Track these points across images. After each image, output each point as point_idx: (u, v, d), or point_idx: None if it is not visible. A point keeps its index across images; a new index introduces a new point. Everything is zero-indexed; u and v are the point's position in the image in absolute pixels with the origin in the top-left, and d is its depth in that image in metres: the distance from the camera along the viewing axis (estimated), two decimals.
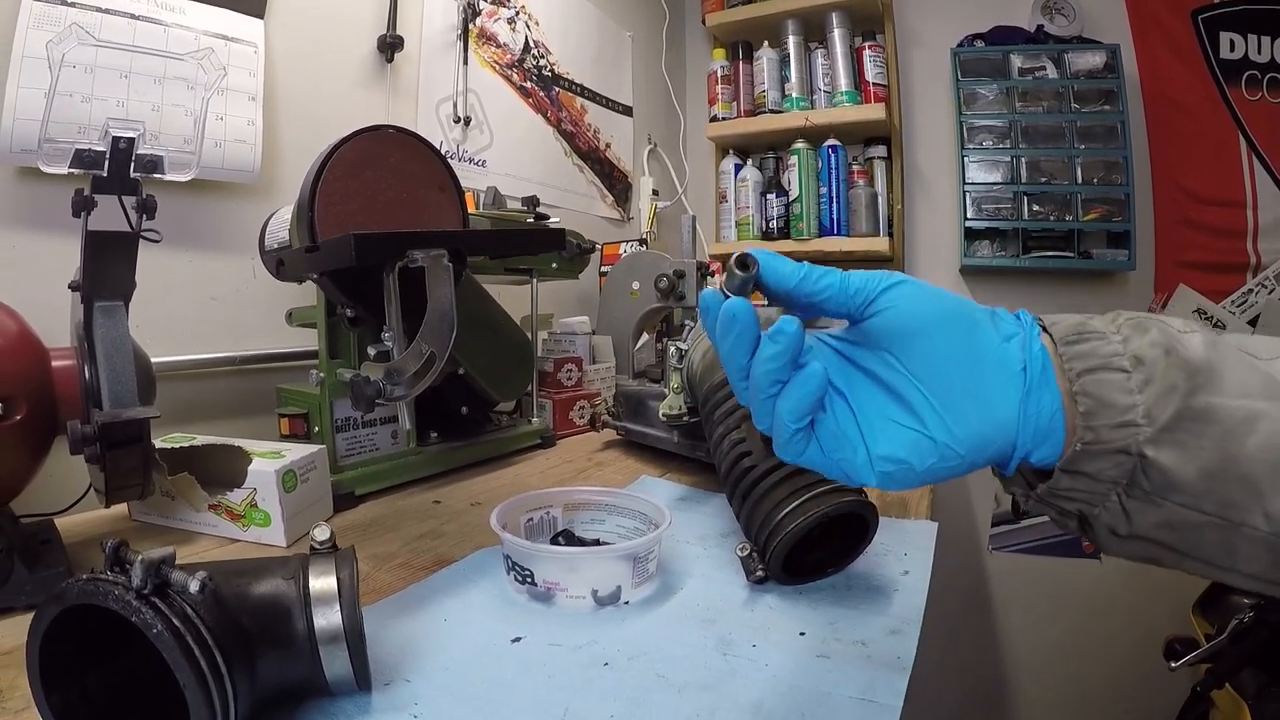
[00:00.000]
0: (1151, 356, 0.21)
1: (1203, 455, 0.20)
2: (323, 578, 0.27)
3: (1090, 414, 0.21)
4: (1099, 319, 0.23)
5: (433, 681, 0.29)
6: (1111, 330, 0.22)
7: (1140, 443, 0.20)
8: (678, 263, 0.88)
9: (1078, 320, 0.23)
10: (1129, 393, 0.20)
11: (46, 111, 0.51)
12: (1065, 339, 0.22)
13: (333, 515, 0.51)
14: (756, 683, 0.29)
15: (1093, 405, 0.21)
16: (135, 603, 0.22)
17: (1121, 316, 0.23)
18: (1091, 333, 0.22)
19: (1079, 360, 0.21)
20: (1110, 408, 0.20)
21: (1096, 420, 0.20)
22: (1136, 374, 0.21)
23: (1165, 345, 0.21)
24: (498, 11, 1.01)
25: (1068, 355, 0.22)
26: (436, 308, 0.38)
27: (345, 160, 0.45)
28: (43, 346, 0.41)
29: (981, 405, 0.21)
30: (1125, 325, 0.22)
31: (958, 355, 0.22)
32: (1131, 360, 0.21)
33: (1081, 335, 0.22)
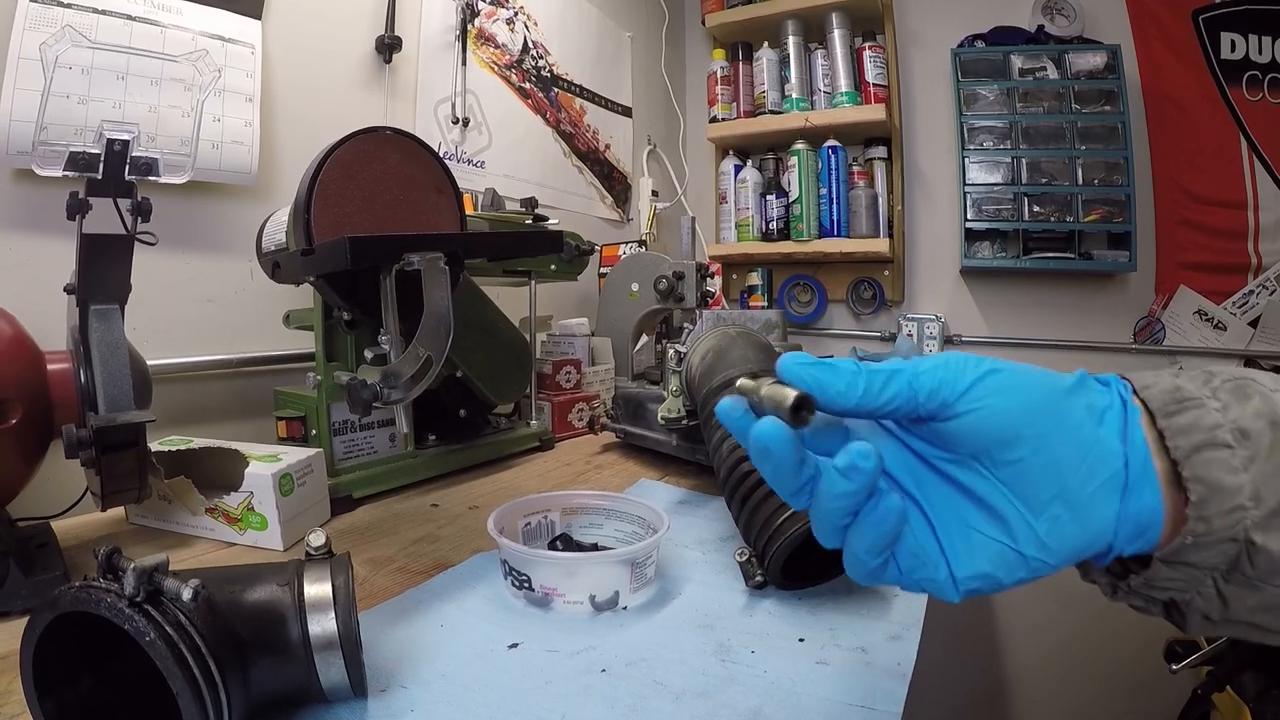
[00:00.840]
0: (1257, 429, 0.19)
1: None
2: (318, 584, 0.27)
3: (1203, 502, 0.19)
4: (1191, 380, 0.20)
5: (429, 688, 0.29)
6: (1208, 395, 0.20)
7: (1248, 528, 0.18)
8: (677, 264, 0.88)
9: (1171, 384, 0.20)
10: (1236, 471, 0.19)
11: (41, 113, 0.51)
12: (1165, 409, 0.20)
13: (330, 519, 0.50)
14: (755, 689, 0.29)
15: (1205, 492, 0.19)
16: (128, 610, 0.22)
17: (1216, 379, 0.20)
18: (1190, 400, 0.20)
19: (1184, 436, 0.19)
20: (1221, 492, 0.19)
21: (1209, 509, 0.19)
22: (1242, 449, 0.19)
23: (1271, 416, 0.19)
24: (496, 12, 1.01)
25: (1170, 430, 0.19)
26: (433, 310, 0.38)
27: (342, 162, 0.45)
28: (38, 350, 0.41)
29: (1078, 512, 0.19)
30: (1223, 390, 0.20)
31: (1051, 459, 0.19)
32: (1235, 433, 0.19)
33: (1181, 405, 0.20)
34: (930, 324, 1.37)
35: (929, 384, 0.19)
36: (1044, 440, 0.19)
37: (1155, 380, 0.21)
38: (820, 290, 1.46)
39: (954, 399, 0.19)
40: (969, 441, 0.20)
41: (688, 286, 0.86)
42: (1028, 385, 0.20)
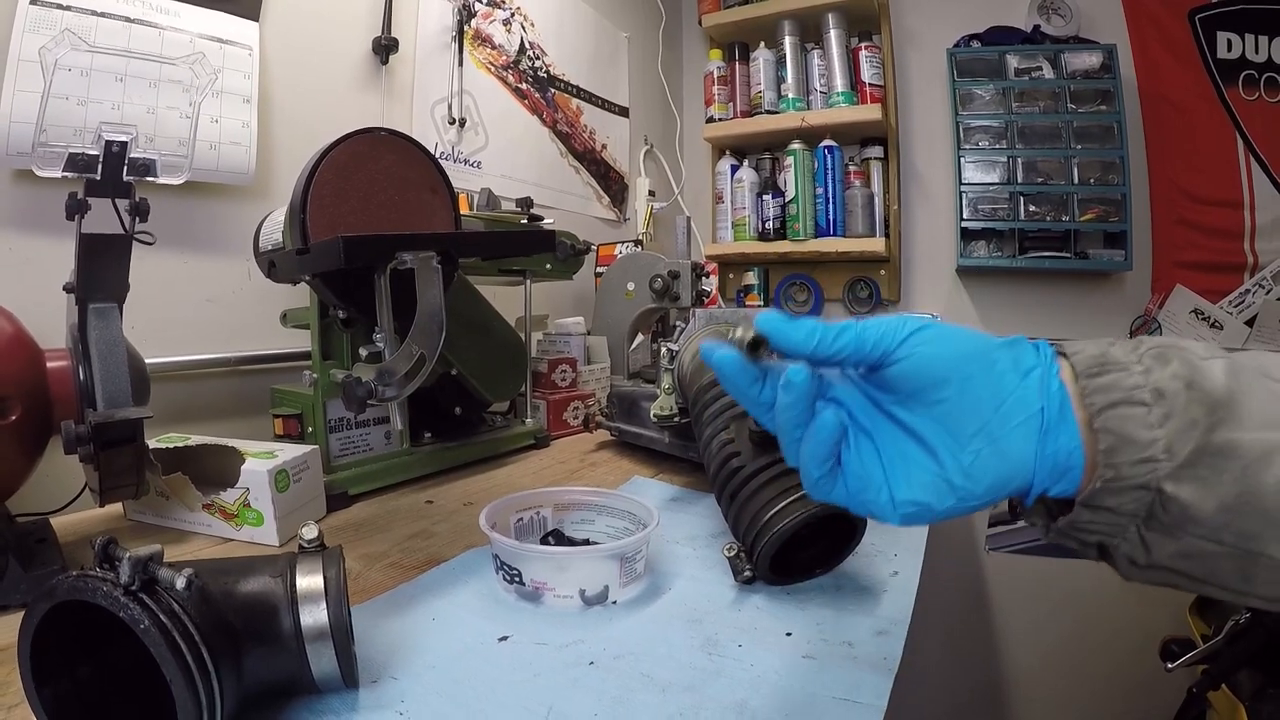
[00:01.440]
0: (1173, 389, 0.21)
1: (1221, 490, 0.20)
2: (310, 576, 0.27)
3: (1112, 450, 0.21)
4: (1121, 347, 0.23)
5: (420, 679, 0.29)
6: (1133, 360, 0.22)
7: (1160, 478, 0.20)
8: (672, 263, 0.88)
9: (1099, 350, 0.23)
10: (1150, 427, 0.20)
11: (40, 115, 0.51)
12: (1087, 370, 0.22)
13: (326, 515, 0.51)
14: (741, 683, 0.29)
15: (1114, 442, 0.21)
16: (123, 599, 0.22)
17: (1144, 345, 0.22)
18: (1113, 364, 0.22)
19: (1100, 394, 0.21)
20: (1132, 444, 0.20)
21: (1118, 457, 0.21)
22: (1158, 408, 0.21)
23: (1187, 378, 0.21)
24: (493, 13, 1.01)
25: (1089, 389, 0.22)
26: (426, 309, 0.39)
27: (337, 163, 0.46)
28: (38, 347, 0.42)
29: (998, 448, 0.22)
30: (1148, 355, 0.22)
31: (974, 399, 0.22)
32: (1153, 393, 0.21)
33: (1103, 367, 0.22)
34: None
35: (873, 336, 0.23)
36: (968, 383, 0.22)
37: (1085, 346, 0.23)
38: (816, 290, 1.47)
39: (893, 347, 0.23)
40: (906, 383, 0.23)
41: (683, 286, 0.87)
42: (958, 337, 0.23)
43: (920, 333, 0.23)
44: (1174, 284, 1.26)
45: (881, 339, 0.23)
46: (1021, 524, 1.40)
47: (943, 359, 0.22)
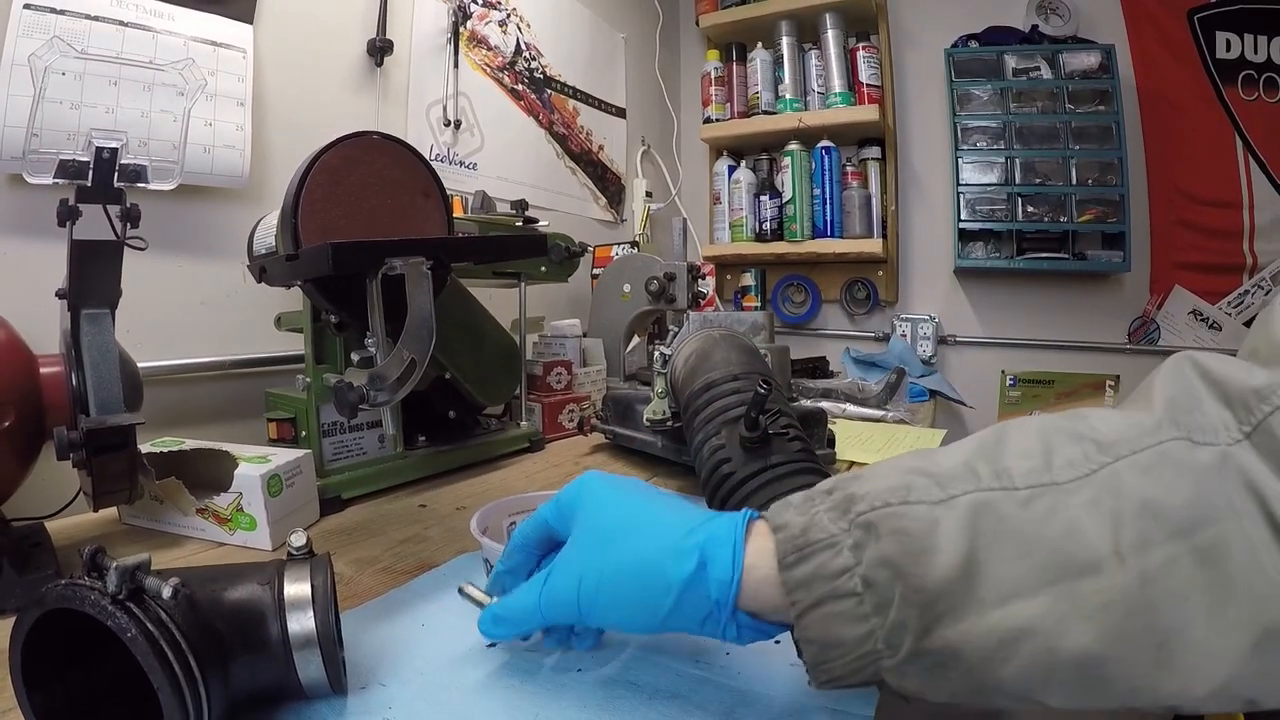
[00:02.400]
0: (881, 580, 0.18)
1: (951, 685, 0.18)
2: (297, 583, 0.27)
3: (819, 660, 0.19)
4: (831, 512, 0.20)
5: (407, 685, 0.29)
6: (842, 530, 0.19)
7: (883, 669, 0.19)
8: (668, 265, 0.88)
9: (804, 523, 0.20)
10: (861, 619, 0.18)
11: (31, 121, 0.51)
12: (786, 558, 0.20)
13: (319, 519, 0.51)
14: (728, 691, 0.30)
15: (818, 652, 0.19)
16: (110, 607, 0.23)
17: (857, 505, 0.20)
18: (817, 543, 0.20)
19: (802, 590, 0.19)
20: (840, 645, 0.19)
21: (829, 661, 0.19)
22: (869, 596, 0.18)
23: (897, 564, 0.18)
24: (489, 14, 1.01)
25: (789, 583, 0.20)
26: (416, 314, 0.39)
27: (329, 167, 0.46)
28: (31, 353, 0.42)
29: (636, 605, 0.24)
30: (858, 525, 0.19)
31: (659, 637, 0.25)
32: (862, 582, 0.19)
33: (804, 551, 0.20)
34: (924, 324, 1.37)
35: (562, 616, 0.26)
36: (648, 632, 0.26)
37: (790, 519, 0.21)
38: (814, 291, 1.47)
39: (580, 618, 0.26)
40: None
41: (679, 288, 0.87)
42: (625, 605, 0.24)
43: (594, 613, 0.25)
44: (1172, 285, 1.25)
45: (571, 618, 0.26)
46: None
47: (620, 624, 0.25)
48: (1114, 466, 0.18)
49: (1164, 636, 0.16)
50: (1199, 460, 0.17)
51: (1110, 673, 0.16)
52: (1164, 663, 0.16)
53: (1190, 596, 0.16)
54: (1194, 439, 0.17)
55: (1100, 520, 0.17)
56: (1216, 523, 0.16)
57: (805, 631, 0.19)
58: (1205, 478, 0.17)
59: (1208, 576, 0.16)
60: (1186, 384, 0.18)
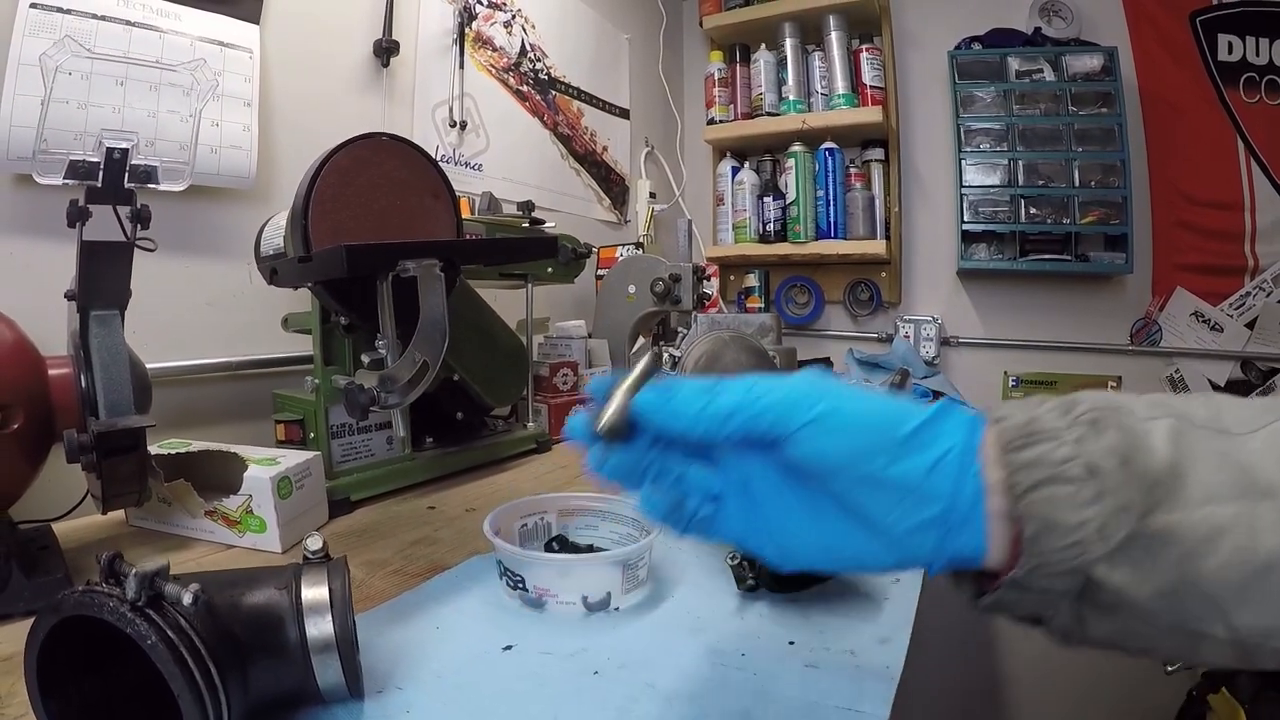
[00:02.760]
0: (1107, 466, 0.19)
1: (1158, 577, 0.19)
2: (315, 588, 0.27)
3: (1036, 537, 0.19)
4: (1054, 410, 0.21)
5: (424, 689, 0.29)
6: (1064, 427, 0.20)
7: (1090, 562, 0.19)
8: (674, 266, 0.88)
9: (1027, 416, 0.21)
10: (1079, 507, 0.19)
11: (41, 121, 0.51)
12: (1012, 443, 0.20)
13: (328, 521, 0.51)
14: (744, 692, 0.30)
15: (1039, 528, 0.19)
16: (130, 615, 0.23)
17: (1079, 407, 0.21)
18: (1041, 433, 0.20)
19: (1025, 471, 0.20)
20: (1058, 528, 0.19)
21: (1044, 544, 0.19)
22: (1089, 486, 0.19)
23: (1123, 452, 0.19)
24: (494, 15, 1.01)
25: (1014, 464, 0.20)
26: (428, 316, 0.39)
27: (339, 168, 0.46)
28: (39, 355, 0.42)
29: (891, 545, 0.21)
30: (1081, 421, 0.20)
31: (871, 499, 0.21)
32: (1084, 468, 0.19)
33: (1030, 437, 0.20)
34: (927, 325, 1.37)
35: (767, 420, 0.21)
36: (867, 481, 0.21)
37: (1012, 412, 0.21)
38: (817, 292, 1.47)
39: (785, 435, 0.21)
40: (798, 467, 0.22)
41: (684, 289, 0.87)
42: (861, 428, 0.21)
43: (818, 423, 0.21)
44: (1174, 286, 1.26)
45: (775, 424, 0.21)
46: None
47: (838, 455, 0.21)
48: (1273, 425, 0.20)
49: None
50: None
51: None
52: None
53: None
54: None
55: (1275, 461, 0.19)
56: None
57: (1028, 508, 0.20)
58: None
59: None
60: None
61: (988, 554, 0.20)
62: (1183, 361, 1.26)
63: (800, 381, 0.22)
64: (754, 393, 0.21)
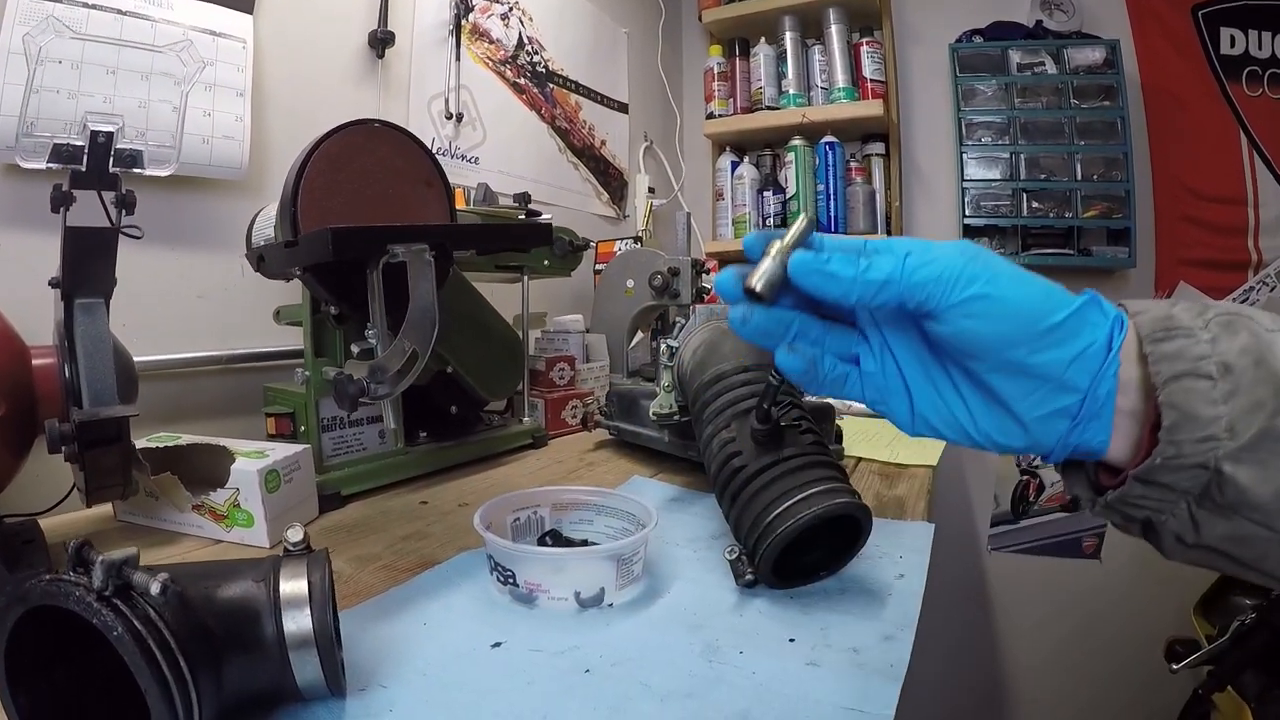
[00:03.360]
0: (1241, 365, 0.20)
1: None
2: (294, 580, 0.26)
3: (1175, 427, 0.20)
4: (1186, 310, 0.22)
5: (409, 687, 0.28)
6: (1199, 326, 0.21)
7: (1220, 457, 0.20)
8: (672, 260, 0.87)
9: (1164, 312, 0.22)
10: (1214, 403, 0.20)
11: (24, 106, 0.50)
12: (1152, 334, 0.21)
13: (318, 516, 0.50)
14: (743, 691, 0.28)
15: (1178, 418, 0.20)
16: (96, 604, 0.22)
17: (1210, 310, 0.21)
18: (1179, 329, 0.21)
19: (1166, 363, 0.20)
20: (1195, 420, 0.20)
21: (1180, 434, 0.20)
22: (1223, 383, 0.20)
23: (1256, 353, 0.20)
24: (491, 7, 1.00)
25: (1154, 355, 0.21)
26: (418, 304, 0.38)
27: (329, 155, 0.45)
28: (23, 344, 0.41)
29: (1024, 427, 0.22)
30: (1215, 323, 0.21)
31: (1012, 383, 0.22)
32: (1219, 367, 0.20)
33: (1169, 332, 0.21)
34: None
35: (918, 294, 0.22)
36: (1007, 367, 0.22)
37: (1149, 307, 0.22)
38: None
39: (938, 310, 0.22)
40: (945, 345, 0.23)
41: (683, 283, 0.85)
42: (1010, 315, 0.21)
43: (970, 304, 0.21)
44: (1177, 281, 1.25)
45: (928, 299, 0.21)
46: (1024, 523, 1.39)
47: (986, 338, 0.21)
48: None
49: None
50: None
51: None
52: None
53: None
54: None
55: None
56: None
57: (1169, 397, 0.20)
58: None
59: None
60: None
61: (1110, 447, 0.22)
62: None
63: (955, 256, 0.22)
64: (910, 264, 0.22)
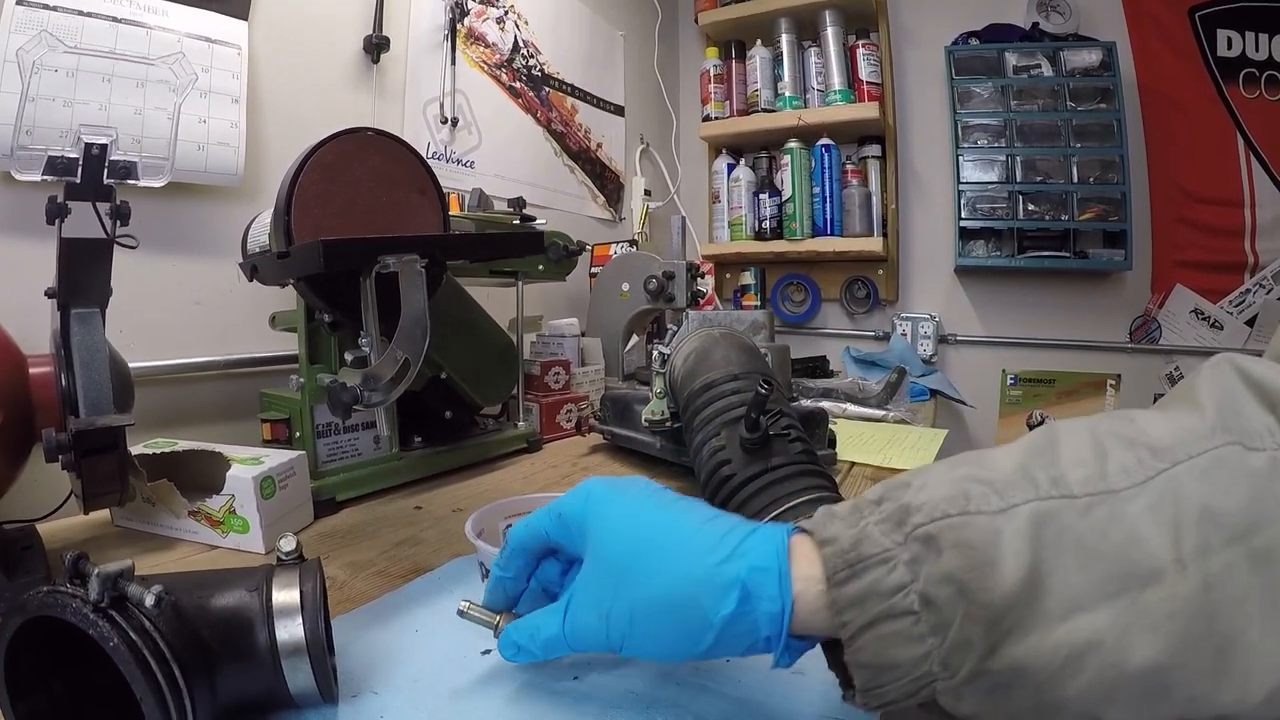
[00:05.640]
0: (943, 597, 0.17)
1: (1013, 705, 0.17)
2: (286, 590, 0.27)
3: (870, 686, 0.18)
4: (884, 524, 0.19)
5: (400, 694, 0.29)
6: (897, 544, 0.18)
7: (938, 692, 0.18)
8: (667, 264, 0.88)
9: (855, 533, 0.19)
10: (918, 640, 0.17)
11: (19, 117, 0.51)
12: (836, 574, 0.19)
13: (313, 522, 0.50)
14: (728, 699, 0.29)
15: (871, 676, 0.18)
16: (92, 615, 0.22)
17: (915, 517, 0.19)
18: (869, 559, 0.18)
19: (854, 609, 0.18)
20: (895, 669, 0.18)
21: (880, 686, 0.18)
22: (927, 615, 0.17)
23: (961, 580, 0.17)
24: (486, 11, 1.00)
25: (840, 601, 0.18)
26: (410, 313, 0.38)
27: (323, 163, 0.45)
28: (20, 353, 0.41)
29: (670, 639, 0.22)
30: (915, 539, 0.18)
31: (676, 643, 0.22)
32: (920, 600, 0.18)
33: (858, 564, 0.18)
34: (924, 323, 1.36)
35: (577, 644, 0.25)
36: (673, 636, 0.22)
37: (839, 530, 0.20)
38: (814, 289, 1.46)
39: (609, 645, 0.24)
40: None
41: (678, 286, 0.86)
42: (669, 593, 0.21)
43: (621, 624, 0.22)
44: (1174, 283, 1.25)
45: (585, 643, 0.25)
46: None
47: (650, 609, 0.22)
48: (1171, 472, 0.17)
49: (1224, 641, 0.16)
50: (1252, 465, 0.17)
51: (1173, 681, 0.16)
52: (1223, 669, 0.16)
53: (1248, 599, 0.16)
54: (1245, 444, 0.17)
55: (1160, 528, 0.17)
56: (1270, 526, 0.16)
57: (858, 655, 0.18)
58: (1259, 482, 0.17)
59: (1264, 579, 0.16)
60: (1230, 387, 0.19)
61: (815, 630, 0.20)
62: (1182, 359, 1.25)
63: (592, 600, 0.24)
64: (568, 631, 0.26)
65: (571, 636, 0.25)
